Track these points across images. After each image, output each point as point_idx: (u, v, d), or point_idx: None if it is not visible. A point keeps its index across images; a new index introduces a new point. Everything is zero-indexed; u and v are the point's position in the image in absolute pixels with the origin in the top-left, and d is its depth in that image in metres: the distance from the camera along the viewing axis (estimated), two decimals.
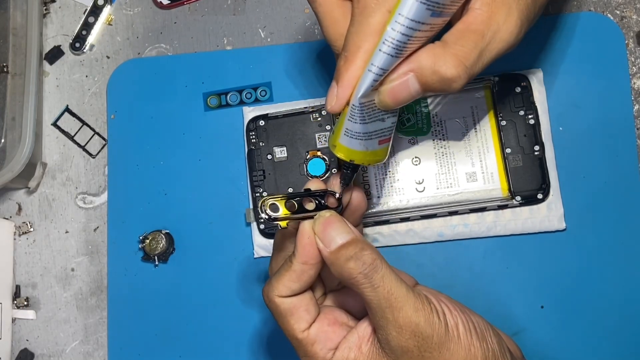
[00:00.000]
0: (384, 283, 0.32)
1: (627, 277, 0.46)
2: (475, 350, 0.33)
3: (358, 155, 0.36)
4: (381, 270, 0.33)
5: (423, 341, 0.32)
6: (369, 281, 0.32)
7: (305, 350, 0.35)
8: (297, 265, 0.35)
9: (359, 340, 0.34)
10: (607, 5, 0.49)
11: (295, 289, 0.35)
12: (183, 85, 0.51)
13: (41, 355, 0.50)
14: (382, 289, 0.32)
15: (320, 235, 0.34)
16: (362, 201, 0.38)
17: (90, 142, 0.52)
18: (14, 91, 0.50)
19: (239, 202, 0.49)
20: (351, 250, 0.33)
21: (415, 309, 0.32)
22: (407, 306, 0.32)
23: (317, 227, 0.34)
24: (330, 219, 0.34)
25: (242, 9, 0.52)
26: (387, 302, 0.32)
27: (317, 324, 0.35)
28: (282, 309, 0.35)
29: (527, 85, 0.47)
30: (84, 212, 0.51)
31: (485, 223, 0.46)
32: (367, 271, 0.32)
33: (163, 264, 0.49)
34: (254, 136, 0.48)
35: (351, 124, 0.35)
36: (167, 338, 0.48)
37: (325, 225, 0.34)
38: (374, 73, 0.32)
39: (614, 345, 0.45)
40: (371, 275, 0.32)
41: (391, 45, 0.31)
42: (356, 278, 0.33)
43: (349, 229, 0.35)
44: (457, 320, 0.33)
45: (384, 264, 0.33)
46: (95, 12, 0.53)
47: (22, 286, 0.51)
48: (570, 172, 0.47)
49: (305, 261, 0.34)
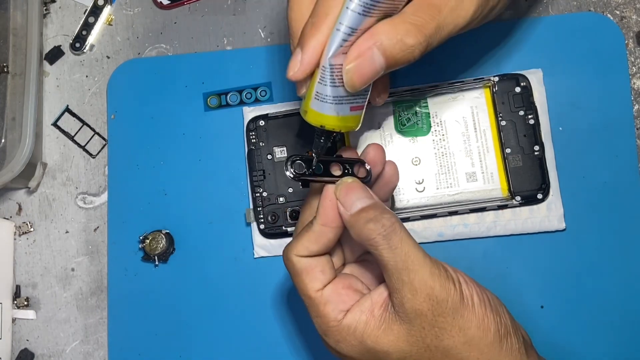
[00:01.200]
0: (402, 245, 0.33)
1: (626, 277, 0.46)
2: (489, 321, 0.33)
3: (329, 120, 0.36)
4: (400, 233, 0.33)
5: (437, 305, 0.32)
6: (388, 242, 0.33)
7: (317, 310, 0.35)
8: (317, 227, 0.35)
9: (372, 305, 0.35)
10: (607, 5, 0.49)
11: (313, 250, 0.35)
12: (183, 85, 0.51)
13: (41, 355, 0.50)
14: (400, 250, 0.33)
15: (341, 199, 0.35)
16: (394, 174, 0.39)
17: (90, 142, 0.52)
18: (14, 91, 0.50)
19: (239, 202, 0.49)
20: (371, 213, 0.34)
21: (431, 274, 0.33)
22: (424, 270, 0.33)
23: (339, 192, 0.35)
24: (352, 185, 0.35)
25: (242, 9, 0.52)
26: (403, 264, 0.33)
27: (331, 286, 0.36)
28: (298, 267, 0.36)
29: (527, 85, 0.47)
30: (84, 212, 0.51)
31: (485, 223, 0.46)
32: (386, 233, 0.33)
33: (163, 264, 0.49)
34: (254, 136, 0.48)
35: (321, 87, 0.35)
36: (167, 338, 0.48)
37: (347, 190, 0.35)
38: (342, 32, 0.33)
39: (614, 344, 0.45)
40: (390, 237, 0.33)
41: (359, 3, 0.32)
42: (375, 239, 0.33)
43: (369, 195, 0.35)
44: (473, 291, 0.34)
45: (403, 228, 0.34)
46: (96, 12, 0.53)
47: (23, 286, 0.51)
48: (570, 172, 0.47)
49: (325, 222, 0.35)
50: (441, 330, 0.33)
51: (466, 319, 0.33)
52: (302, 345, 0.47)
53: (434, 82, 0.48)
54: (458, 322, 0.33)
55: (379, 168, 0.38)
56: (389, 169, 0.39)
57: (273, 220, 0.48)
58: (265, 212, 0.48)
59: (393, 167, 0.39)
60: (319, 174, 0.37)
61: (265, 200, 0.48)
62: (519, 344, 0.34)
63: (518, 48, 0.48)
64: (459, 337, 0.33)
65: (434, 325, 0.33)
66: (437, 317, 0.33)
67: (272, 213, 0.48)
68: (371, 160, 0.38)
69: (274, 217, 0.48)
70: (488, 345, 0.33)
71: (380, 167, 0.38)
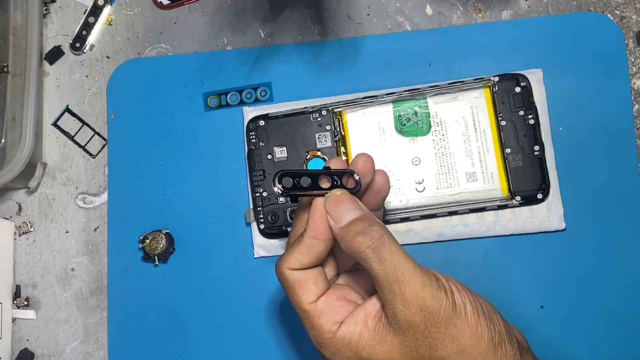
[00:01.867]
0: (391, 257, 0.33)
1: (627, 277, 0.46)
2: (482, 329, 0.33)
3: None
4: (389, 244, 0.33)
5: (429, 315, 0.32)
6: (377, 255, 0.33)
7: (311, 323, 0.35)
8: (307, 240, 0.35)
9: (366, 316, 0.35)
10: (607, 5, 0.49)
11: (305, 263, 0.35)
12: (183, 85, 0.51)
13: (41, 355, 0.50)
14: (390, 262, 0.33)
15: (331, 212, 0.35)
16: (385, 183, 0.39)
17: (90, 142, 0.52)
18: (14, 91, 0.50)
19: (239, 202, 0.49)
20: (360, 225, 0.34)
21: (422, 284, 0.33)
22: (414, 280, 0.33)
23: (328, 205, 0.35)
24: (341, 197, 0.35)
25: (242, 9, 0.52)
26: (394, 276, 0.33)
27: (325, 297, 0.36)
28: (291, 280, 0.35)
29: (527, 85, 0.47)
30: (84, 212, 0.51)
31: (485, 223, 0.46)
32: (374, 245, 0.33)
33: (163, 264, 0.49)
34: (254, 136, 0.48)
35: None
36: (167, 338, 0.48)
37: (336, 203, 0.35)
38: None
39: (614, 344, 0.45)
40: (379, 249, 0.33)
41: None
42: (365, 252, 0.33)
43: (359, 207, 0.35)
44: (465, 299, 0.34)
45: (392, 240, 0.34)
46: (96, 12, 0.53)
47: (23, 286, 0.51)
48: (570, 172, 0.47)
49: (315, 235, 0.35)
50: (434, 341, 0.33)
51: (459, 328, 0.33)
52: (301, 345, 0.47)
53: (434, 82, 0.48)
54: (451, 332, 0.33)
55: (368, 178, 0.38)
56: (379, 178, 0.39)
57: (273, 220, 0.48)
58: (265, 212, 0.48)
59: (383, 176, 0.39)
60: (308, 188, 0.36)
61: (265, 200, 0.48)
62: (514, 351, 0.34)
63: (518, 48, 0.48)
64: (452, 347, 0.33)
65: (427, 335, 0.33)
66: (430, 328, 0.32)
67: (272, 213, 0.48)
68: (360, 170, 0.37)
69: (274, 217, 0.48)
70: (482, 354, 0.33)
71: (370, 177, 0.38)
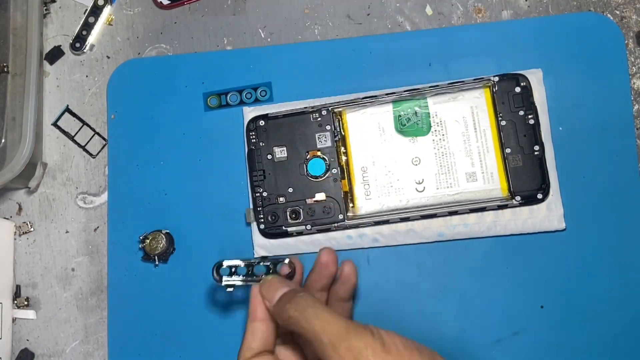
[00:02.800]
0: (316, 313, 0.35)
1: (626, 277, 0.46)
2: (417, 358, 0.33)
3: None
4: (313, 305, 0.35)
5: (359, 354, 0.33)
6: (302, 315, 0.35)
7: None
8: (250, 325, 0.38)
9: None
10: (607, 5, 0.49)
11: (255, 348, 0.38)
12: (183, 85, 0.51)
13: (41, 355, 0.50)
14: (315, 318, 0.34)
15: (265, 294, 0.38)
16: (351, 273, 0.42)
17: (90, 142, 0.52)
18: (14, 91, 0.50)
19: (239, 202, 0.49)
20: (288, 296, 0.37)
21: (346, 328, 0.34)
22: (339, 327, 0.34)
23: (263, 289, 0.39)
24: (273, 280, 0.39)
25: (242, 9, 0.52)
26: (321, 329, 0.34)
27: None
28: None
29: (527, 85, 0.47)
30: (84, 212, 0.51)
31: (485, 223, 0.46)
32: (300, 308, 0.35)
33: (163, 264, 0.49)
34: (254, 136, 0.48)
35: None
36: (167, 338, 0.48)
37: (269, 286, 0.39)
38: None
39: (614, 345, 0.45)
40: (304, 310, 0.35)
41: None
42: (292, 316, 0.35)
43: (289, 284, 0.39)
44: (396, 340, 0.34)
45: (317, 302, 0.36)
46: (96, 12, 0.53)
47: (23, 286, 0.51)
48: (570, 172, 0.47)
49: (254, 318, 0.38)
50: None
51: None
52: None
53: (434, 82, 0.48)
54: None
55: (331, 269, 0.41)
56: (347, 268, 0.42)
57: (273, 220, 0.48)
58: (265, 212, 0.48)
59: (350, 266, 0.42)
60: (245, 276, 0.41)
61: (265, 200, 0.48)
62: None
63: (518, 48, 0.48)
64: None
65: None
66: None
67: (272, 213, 0.48)
68: (324, 262, 0.41)
69: (274, 217, 0.48)
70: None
71: (333, 268, 0.41)
